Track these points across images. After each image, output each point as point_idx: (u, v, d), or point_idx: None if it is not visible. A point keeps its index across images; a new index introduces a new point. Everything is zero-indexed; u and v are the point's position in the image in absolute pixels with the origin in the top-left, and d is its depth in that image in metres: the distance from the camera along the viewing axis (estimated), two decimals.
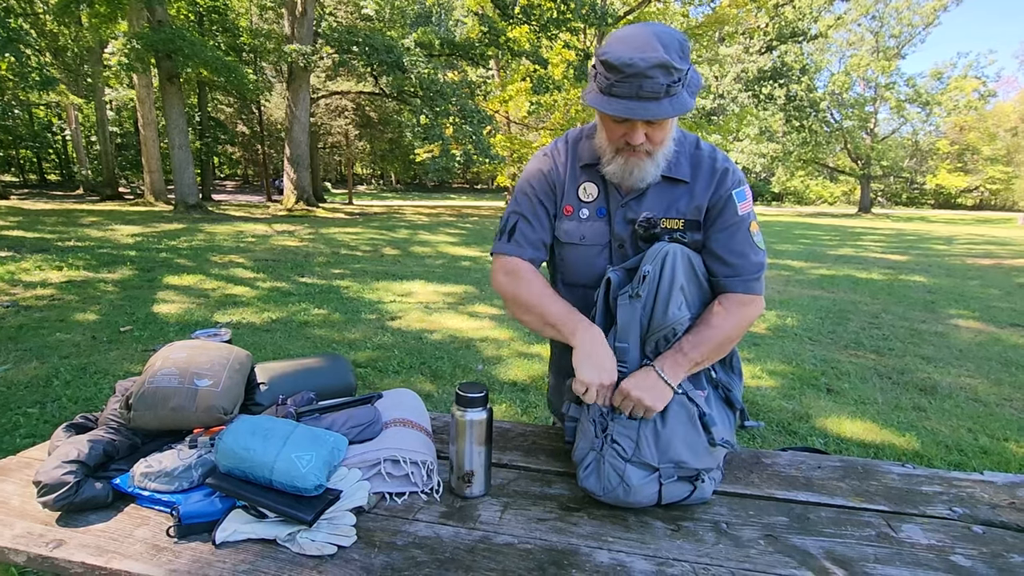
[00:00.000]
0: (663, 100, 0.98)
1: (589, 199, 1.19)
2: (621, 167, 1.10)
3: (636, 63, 0.95)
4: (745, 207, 1.15)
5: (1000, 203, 44.13)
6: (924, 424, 2.98)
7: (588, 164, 1.18)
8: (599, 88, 1.01)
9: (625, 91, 0.97)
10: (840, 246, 12.85)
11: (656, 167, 1.10)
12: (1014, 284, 7.73)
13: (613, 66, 0.97)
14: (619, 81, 0.97)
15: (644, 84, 0.96)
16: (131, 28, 15.00)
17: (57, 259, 6.93)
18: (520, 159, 22.24)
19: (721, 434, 1.04)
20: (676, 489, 1.01)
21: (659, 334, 1.04)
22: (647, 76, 0.95)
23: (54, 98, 20.09)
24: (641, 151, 1.07)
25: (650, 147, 1.07)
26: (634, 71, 0.95)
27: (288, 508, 0.91)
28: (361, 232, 12.32)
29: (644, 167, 1.09)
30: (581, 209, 1.19)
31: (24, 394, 3.02)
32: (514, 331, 4.54)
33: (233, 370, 1.14)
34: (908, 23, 32.36)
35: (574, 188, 1.20)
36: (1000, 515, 1.02)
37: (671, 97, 0.98)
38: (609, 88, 0.99)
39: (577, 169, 1.20)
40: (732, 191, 1.14)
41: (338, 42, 15.96)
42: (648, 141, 1.06)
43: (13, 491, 1.02)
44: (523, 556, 0.88)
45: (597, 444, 1.03)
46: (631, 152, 1.08)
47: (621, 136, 1.07)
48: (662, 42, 0.97)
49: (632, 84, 0.96)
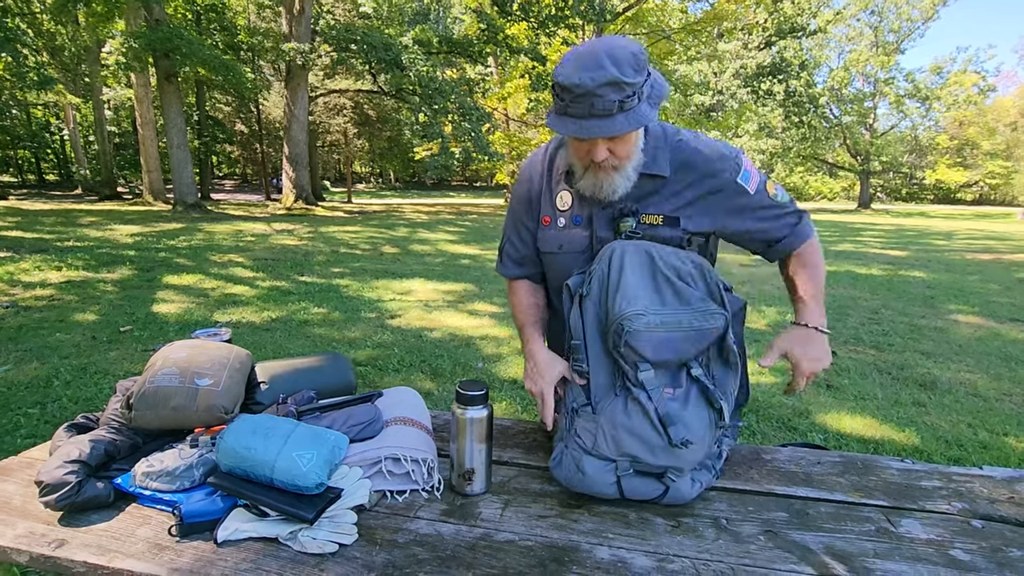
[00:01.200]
0: (617, 116, 0.98)
1: (565, 207, 1.21)
2: (592, 183, 1.12)
3: (584, 83, 0.96)
4: (753, 183, 1.15)
5: (1000, 198, 44.13)
6: (924, 419, 2.98)
7: (567, 171, 1.20)
8: (555, 110, 1.04)
9: (578, 111, 0.99)
10: (839, 242, 12.85)
11: (626, 179, 1.11)
12: (1014, 279, 7.73)
13: (564, 87, 0.98)
14: (572, 101, 0.98)
15: (595, 103, 0.97)
16: (128, 27, 14.97)
17: (56, 259, 6.92)
18: (519, 156, 22.23)
19: (681, 434, 0.99)
20: (638, 484, 1.01)
21: (612, 328, 1.03)
22: (596, 95, 0.96)
23: (52, 98, 20.07)
24: (608, 166, 1.08)
25: (616, 161, 1.08)
26: (583, 91, 0.96)
27: (289, 506, 0.91)
28: (360, 230, 12.31)
29: (614, 181, 1.10)
30: (558, 218, 1.22)
31: (24, 394, 3.02)
32: (514, 329, 4.53)
33: (234, 369, 1.14)
34: (907, 18, 32.29)
35: (550, 198, 1.23)
36: (999, 509, 1.02)
37: (626, 112, 0.98)
38: (564, 108, 1.01)
39: (554, 179, 1.23)
40: (735, 178, 1.14)
41: (336, 40, 15.92)
42: (613, 156, 1.07)
43: (15, 491, 1.02)
44: (524, 553, 0.89)
45: (566, 437, 1.06)
46: (598, 168, 1.09)
47: (586, 154, 1.08)
48: (612, 59, 0.96)
49: (583, 103, 0.97)
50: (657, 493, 1.02)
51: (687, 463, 1.02)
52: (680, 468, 1.02)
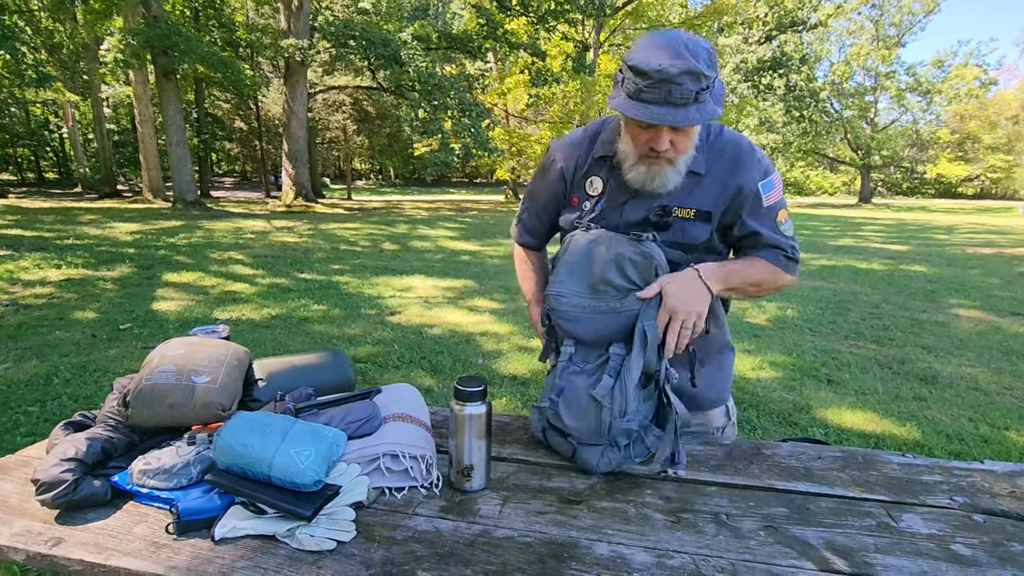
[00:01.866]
0: (691, 107, 0.98)
1: (594, 193, 1.22)
2: (644, 174, 1.11)
3: (666, 69, 0.95)
4: (772, 197, 1.17)
5: (1001, 192, 44.04)
6: (924, 414, 2.98)
7: (602, 157, 1.20)
8: (627, 93, 1.01)
9: (654, 96, 0.98)
10: (840, 236, 12.84)
11: (678, 174, 1.11)
12: (1015, 273, 7.72)
13: (642, 71, 0.97)
14: (648, 86, 0.97)
15: (672, 90, 0.96)
16: (126, 24, 14.94)
17: (56, 257, 6.92)
18: (519, 152, 22.18)
19: (565, 404, 1.11)
20: (553, 435, 1.15)
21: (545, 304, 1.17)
22: (676, 82, 0.96)
23: (51, 95, 20.04)
24: (664, 158, 1.08)
25: (673, 155, 1.08)
26: (663, 76, 0.95)
27: (287, 504, 0.90)
28: (360, 227, 12.30)
29: (666, 175, 1.10)
30: (584, 202, 1.23)
31: (24, 392, 3.02)
32: (514, 325, 4.54)
33: (231, 366, 1.13)
34: (908, 11, 32.17)
35: (583, 181, 1.24)
36: (1000, 504, 1.02)
37: (699, 104, 0.99)
38: (637, 93, 0.99)
39: (591, 162, 1.22)
40: (758, 183, 1.15)
41: (335, 36, 15.86)
42: (672, 148, 1.06)
43: (12, 489, 1.01)
44: (523, 549, 0.88)
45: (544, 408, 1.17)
46: (654, 159, 1.09)
47: (646, 142, 1.07)
48: (691, 50, 0.97)
49: (661, 89, 0.97)
50: (568, 451, 1.13)
51: (578, 432, 1.10)
52: (572, 435, 1.11)
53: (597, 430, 1.09)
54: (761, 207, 1.16)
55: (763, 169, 1.16)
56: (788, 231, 1.20)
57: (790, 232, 1.21)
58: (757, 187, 1.15)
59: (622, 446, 1.10)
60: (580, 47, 18.14)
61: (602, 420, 1.08)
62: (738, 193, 1.15)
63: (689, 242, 1.18)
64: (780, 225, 1.19)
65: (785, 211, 1.20)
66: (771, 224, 1.18)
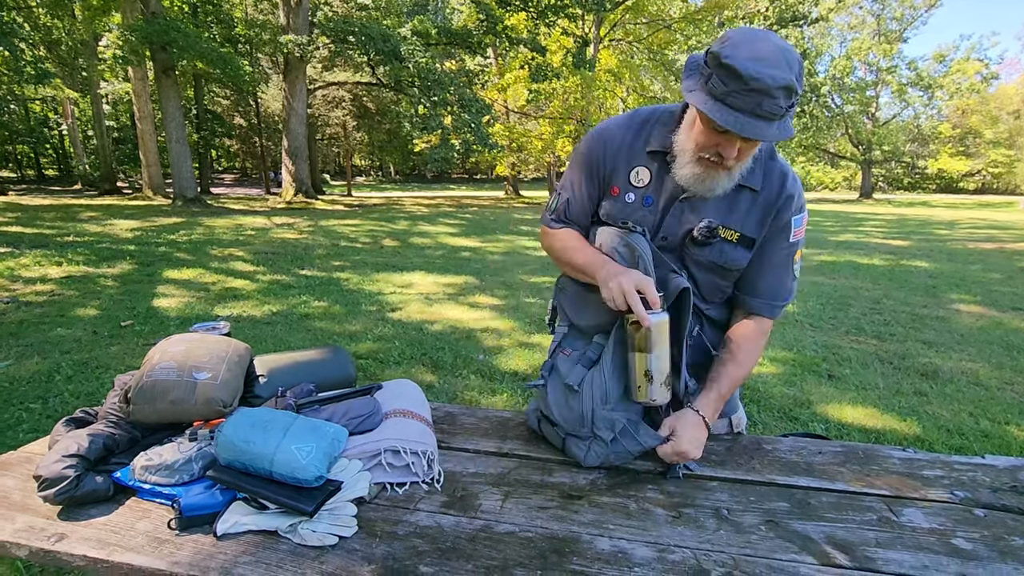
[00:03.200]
0: (775, 122, 0.93)
1: (640, 185, 1.15)
2: (697, 175, 1.06)
3: (764, 80, 0.88)
4: (798, 234, 1.15)
5: (1002, 187, 43.89)
6: (925, 409, 2.98)
7: (653, 151, 1.13)
8: (712, 93, 0.94)
9: (743, 104, 0.91)
10: (841, 232, 12.82)
11: (731, 181, 1.07)
12: (1016, 268, 7.71)
13: (739, 75, 0.89)
14: (739, 92, 0.90)
15: (764, 103, 0.90)
16: (125, 20, 14.88)
17: (56, 254, 6.92)
18: (519, 148, 22.12)
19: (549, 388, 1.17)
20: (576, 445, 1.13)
21: None
22: (771, 96, 0.89)
23: (50, 92, 19.99)
24: (725, 166, 1.03)
25: (732, 163, 1.03)
26: (760, 87, 0.88)
27: (289, 499, 0.91)
28: (360, 224, 12.29)
29: (720, 180, 1.06)
30: (627, 193, 1.17)
31: (26, 389, 3.02)
32: (515, 321, 4.54)
33: (232, 363, 1.13)
34: (910, 5, 32.00)
35: (627, 171, 1.17)
36: (1001, 498, 1.02)
37: (782, 120, 0.93)
38: (725, 96, 0.92)
39: (636, 151, 1.16)
40: (792, 217, 1.13)
41: (334, 32, 15.81)
42: (736, 157, 1.01)
43: (14, 485, 1.02)
44: (524, 544, 0.89)
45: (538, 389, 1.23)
46: (713, 164, 1.03)
47: (714, 146, 1.01)
48: (788, 61, 0.90)
49: (753, 99, 0.90)
50: (558, 442, 1.18)
51: (562, 419, 1.14)
52: (559, 424, 1.15)
53: (579, 418, 1.11)
54: (787, 240, 1.14)
55: (800, 204, 1.14)
56: (797, 273, 1.20)
57: (798, 273, 1.20)
58: (790, 219, 1.12)
59: (607, 440, 1.09)
60: (580, 42, 18.08)
61: (584, 409, 1.10)
62: (775, 220, 1.12)
63: (727, 266, 1.14)
64: (794, 265, 1.17)
65: (800, 251, 1.19)
66: (786, 262, 1.16)
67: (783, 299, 1.18)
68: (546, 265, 6.87)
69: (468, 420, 1.35)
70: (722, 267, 1.14)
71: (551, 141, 20.64)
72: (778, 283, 1.17)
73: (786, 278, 1.17)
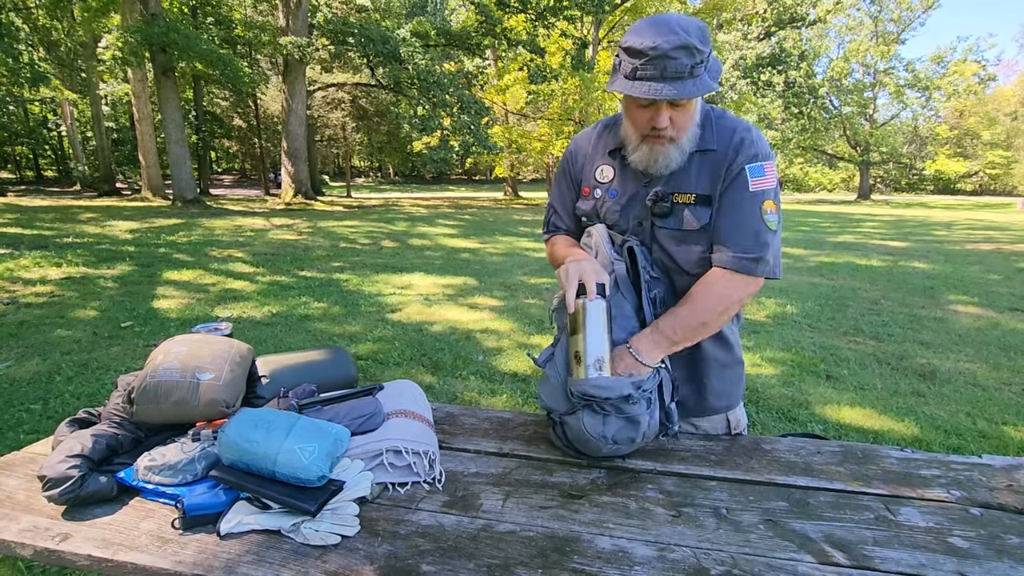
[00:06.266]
0: (687, 80, 1.01)
1: (604, 180, 1.26)
2: (646, 154, 1.14)
3: (660, 45, 0.99)
4: (759, 183, 1.12)
5: (1000, 188, 43.97)
6: (923, 409, 2.99)
7: (612, 150, 1.25)
8: (624, 75, 1.05)
9: (650, 73, 1.01)
10: (840, 233, 12.84)
11: (681, 153, 1.13)
12: (1013, 269, 7.73)
13: (637, 51, 1.01)
14: (644, 64, 1.01)
15: (668, 65, 0.99)
16: (124, 21, 14.89)
17: (56, 256, 6.92)
18: (519, 149, 22.14)
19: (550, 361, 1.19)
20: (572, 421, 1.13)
21: None
22: (671, 57, 0.99)
23: (49, 94, 19.97)
24: (665, 137, 1.10)
25: (674, 133, 1.10)
26: (658, 53, 0.99)
27: (292, 499, 0.91)
28: (360, 225, 12.29)
29: (668, 154, 1.12)
30: (595, 190, 1.28)
31: (27, 390, 3.02)
32: (514, 322, 4.54)
33: (234, 363, 1.14)
34: (907, 7, 32.08)
35: (592, 171, 1.29)
36: (998, 497, 1.03)
37: (694, 78, 1.01)
38: (634, 73, 1.02)
39: (598, 154, 1.28)
40: (745, 165, 1.12)
41: (333, 33, 15.83)
42: (672, 126, 1.08)
43: (18, 486, 1.02)
44: (525, 543, 0.89)
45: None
46: (656, 139, 1.11)
47: (647, 121, 1.09)
48: (682, 27, 1.00)
49: (657, 65, 1.00)
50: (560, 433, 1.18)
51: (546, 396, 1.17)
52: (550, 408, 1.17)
53: (560, 388, 1.15)
54: (746, 190, 1.11)
55: (753, 153, 1.12)
56: (771, 223, 1.12)
57: (773, 225, 1.13)
58: (744, 168, 1.11)
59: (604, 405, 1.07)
60: (579, 44, 18.10)
61: (557, 378, 1.16)
62: (728, 172, 1.12)
63: (691, 229, 1.14)
64: (764, 215, 1.12)
65: (773, 203, 1.13)
66: (750, 212, 1.11)
67: (753, 252, 1.11)
68: (545, 266, 6.88)
69: (469, 420, 1.36)
70: (689, 232, 1.15)
71: (550, 142, 20.66)
72: (742, 234, 1.11)
73: (752, 229, 1.11)
